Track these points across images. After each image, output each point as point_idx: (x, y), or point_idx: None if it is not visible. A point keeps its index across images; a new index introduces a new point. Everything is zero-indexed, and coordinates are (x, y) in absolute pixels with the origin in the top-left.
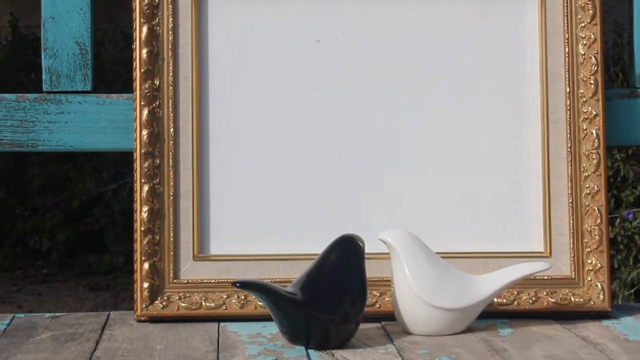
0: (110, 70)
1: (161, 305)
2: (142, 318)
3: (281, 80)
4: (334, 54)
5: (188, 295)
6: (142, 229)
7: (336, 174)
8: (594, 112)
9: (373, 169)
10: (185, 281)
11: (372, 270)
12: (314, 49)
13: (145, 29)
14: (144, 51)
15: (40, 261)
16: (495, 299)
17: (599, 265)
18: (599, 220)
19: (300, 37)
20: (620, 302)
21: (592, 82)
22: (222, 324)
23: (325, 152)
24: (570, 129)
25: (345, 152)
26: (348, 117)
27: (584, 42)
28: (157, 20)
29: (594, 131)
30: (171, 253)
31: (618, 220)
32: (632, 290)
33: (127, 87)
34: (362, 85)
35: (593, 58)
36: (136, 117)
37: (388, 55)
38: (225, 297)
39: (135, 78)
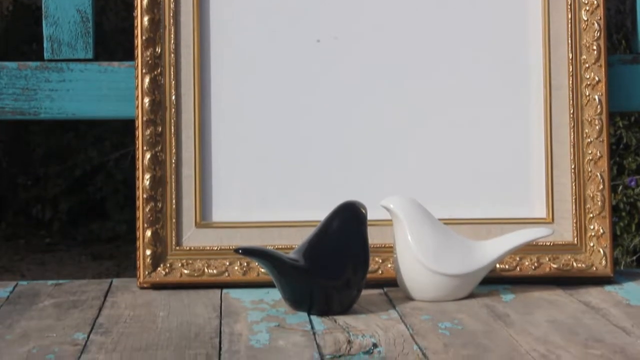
0: (112, 40)
1: (164, 272)
2: (145, 285)
3: (284, 46)
4: (337, 8)
5: (190, 262)
6: (144, 196)
7: (339, 141)
8: (597, 78)
9: (376, 136)
10: (188, 248)
11: (374, 237)
12: (317, 9)
13: None
14: (145, 19)
15: (43, 230)
16: (497, 265)
17: (601, 231)
18: (601, 186)
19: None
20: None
21: (594, 48)
22: (224, 290)
23: (328, 119)
24: (572, 95)
25: (348, 119)
26: (352, 82)
27: (587, 8)
28: None
29: (596, 97)
30: (173, 220)
31: (620, 188)
32: (634, 257)
33: (129, 56)
34: (365, 51)
35: (596, 24)
36: (138, 85)
37: (391, 23)
38: (227, 264)
39: (137, 46)
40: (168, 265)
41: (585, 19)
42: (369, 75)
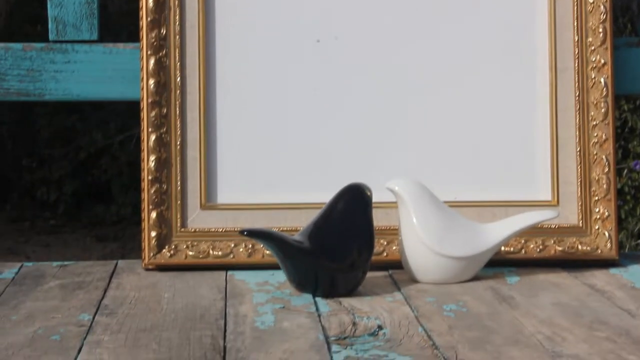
0: (117, 23)
1: (169, 254)
2: (150, 267)
3: (290, 29)
4: None
5: (196, 244)
6: (150, 178)
7: (344, 124)
8: (603, 61)
9: (381, 118)
10: (193, 230)
11: (379, 219)
12: None
13: None
14: (150, 0)
15: (48, 212)
16: (502, 248)
17: (606, 213)
18: (606, 169)
19: None
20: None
21: (600, 30)
22: (229, 272)
23: (334, 101)
24: (578, 78)
25: (353, 101)
26: (357, 66)
27: None
28: None
29: (602, 80)
30: (178, 202)
31: (625, 171)
32: (639, 241)
33: (133, 39)
34: (370, 34)
35: (602, 6)
36: (143, 67)
37: (397, 5)
38: (232, 245)
39: (142, 27)
40: (173, 246)
41: (591, 1)
42: (374, 57)
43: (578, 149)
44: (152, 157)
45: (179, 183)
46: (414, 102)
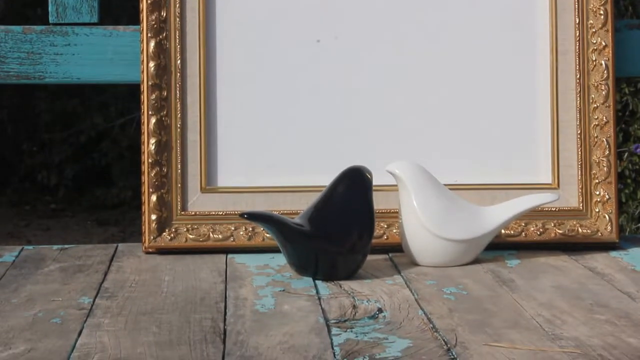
0: (117, 6)
1: (169, 237)
2: (150, 250)
3: (291, 11)
4: None
5: (196, 227)
6: (150, 161)
7: (345, 107)
8: (604, 43)
9: (381, 101)
10: (193, 213)
11: (379, 202)
12: None
13: None
14: None
15: (48, 196)
16: (502, 231)
17: (607, 196)
18: (607, 152)
19: None
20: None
21: (601, 12)
22: (229, 255)
23: (335, 85)
24: (579, 60)
25: (354, 85)
26: (358, 50)
27: None
28: None
29: (603, 62)
30: (179, 185)
31: (626, 155)
32: (639, 224)
33: (134, 22)
34: (372, 19)
35: None
36: (143, 49)
37: None
38: (233, 229)
39: (142, 9)
40: (173, 230)
41: None
42: (376, 40)
43: (579, 132)
44: (153, 140)
45: (179, 166)
46: (414, 86)
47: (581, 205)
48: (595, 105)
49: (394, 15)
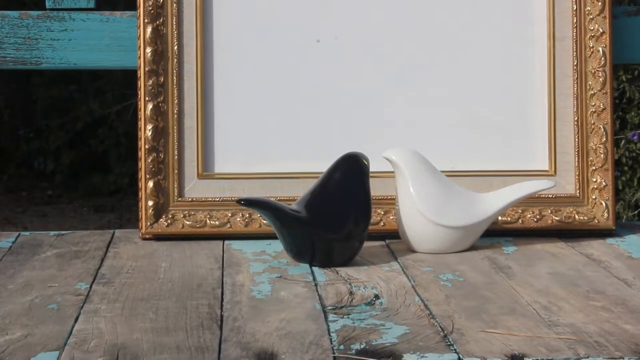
0: None
1: (166, 223)
2: (147, 236)
3: None
4: None
5: (193, 213)
6: (147, 147)
7: (341, 94)
8: (601, 30)
9: (378, 87)
10: (190, 199)
11: (376, 189)
12: None
13: None
14: None
15: (45, 183)
16: (499, 217)
17: (603, 183)
18: (604, 139)
19: None
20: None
21: None
22: (226, 242)
23: (331, 71)
24: (576, 47)
25: (350, 71)
26: (354, 36)
27: None
28: None
29: (600, 49)
30: (175, 171)
31: (623, 142)
32: (636, 212)
33: (131, 7)
34: (370, 8)
35: None
36: (140, 35)
37: None
38: (229, 215)
39: None
40: (170, 216)
41: None
42: (370, 25)
43: (576, 119)
44: (149, 127)
45: (176, 152)
46: (410, 73)
47: (578, 192)
48: (593, 92)
49: (387, 14)
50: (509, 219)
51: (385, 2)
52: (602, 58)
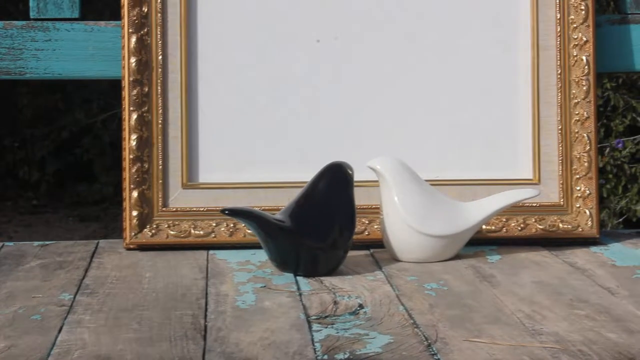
0: (99, 0)
1: (150, 233)
2: (131, 246)
3: (272, 7)
4: None
5: (177, 223)
6: (131, 157)
7: (326, 103)
8: (585, 39)
9: (362, 97)
10: (174, 209)
11: (361, 198)
12: None
13: None
14: None
15: (30, 192)
16: (483, 226)
17: (587, 191)
18: (588, 147)
19: None
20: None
21: (582, 7)
22: (211, 251)
23: (316, 81)
24: (560, 56)
25: (335, 81)
26: (340, 46)
27: None
28: None
29: (584, 58)
30: (160, 181)
31: (607, 150)
32: (620, 220)
33: (115, 17)
34: (352, 16)
35: None
36: (124, 45)
37: None
38: (214, 225)
39: (123, 5)
40: (154, 226)
41: None
42: (355, 36)
43: (559, 127)
44: (134, 136)
45: (160, 162)
46: (395, 81)
47: (562, 200)
48: (576, 101)
49: (370, 23)
50: (493, 227)
51: (361, 11)
52: (586, 67)
